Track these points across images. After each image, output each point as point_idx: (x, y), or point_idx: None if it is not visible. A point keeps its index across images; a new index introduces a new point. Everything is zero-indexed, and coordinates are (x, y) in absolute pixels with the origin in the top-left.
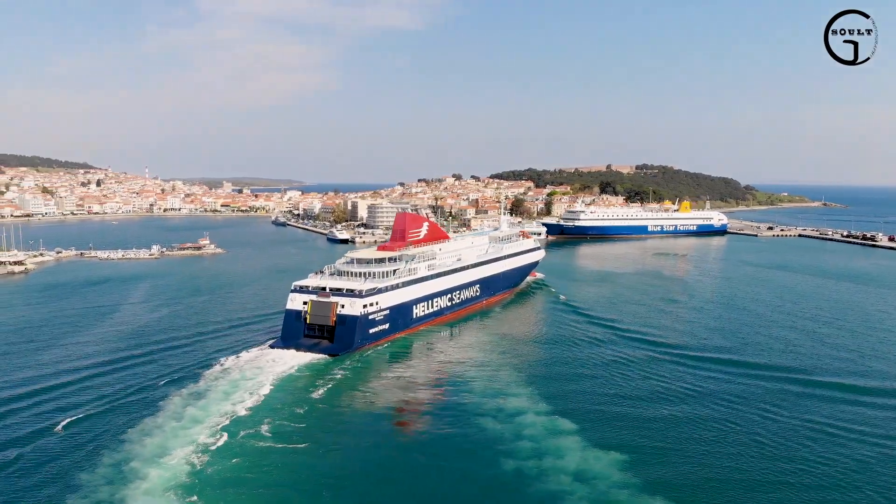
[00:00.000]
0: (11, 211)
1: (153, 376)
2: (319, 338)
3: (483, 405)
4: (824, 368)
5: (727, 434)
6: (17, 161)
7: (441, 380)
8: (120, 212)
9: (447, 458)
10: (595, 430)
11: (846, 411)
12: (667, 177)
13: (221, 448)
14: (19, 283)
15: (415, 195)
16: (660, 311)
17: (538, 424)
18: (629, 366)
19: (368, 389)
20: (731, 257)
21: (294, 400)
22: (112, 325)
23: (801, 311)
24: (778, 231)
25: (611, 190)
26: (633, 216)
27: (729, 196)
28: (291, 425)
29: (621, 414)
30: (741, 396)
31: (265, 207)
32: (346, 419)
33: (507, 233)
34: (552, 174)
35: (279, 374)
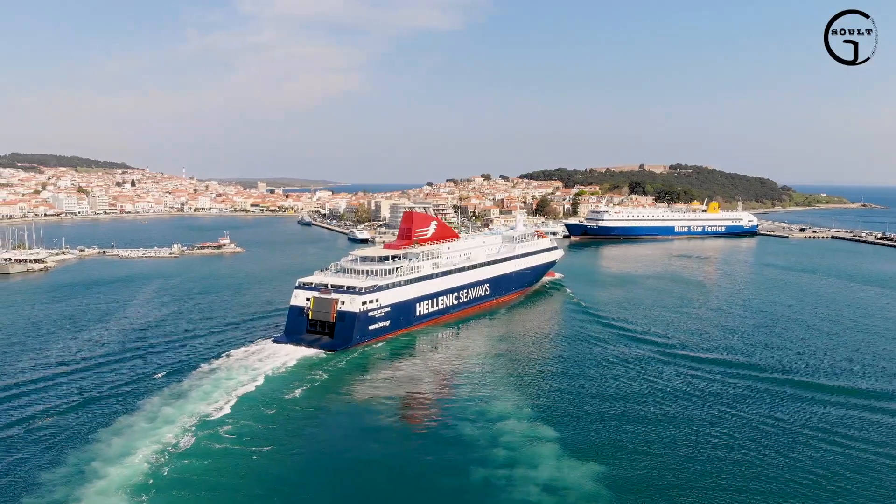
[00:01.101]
0: (45, 210)
1: (144, 371)
2: (321, 333)
3: (465, 409)
4: (834, 374)
5: (721, 448)
6: (57, 161)
7: (429, 381)
8: (151, 211)
9: (412, 466)
10: (576, 438)
11: (853, 417)
12: (701, 177)
13: (186, 448)
14: (35, 281)
15: (439, 195)
16: (671, 314)
17: (518, 431)
18: (628, 369)
19: (350, 389)
20: (756, 260)
21: (270, 400)
22: (113, 323)
23: (819, 315)
24: (810, 233)
25: (640, 190)
26: (659, 217)
27: (765, 196)
28: (259, 427)
29: (609, 421)
30: (743, 406)
31: (294, 207)
32: (316, 422)
33: (521, 232)
34: (583, 174)
35: (270, 370)
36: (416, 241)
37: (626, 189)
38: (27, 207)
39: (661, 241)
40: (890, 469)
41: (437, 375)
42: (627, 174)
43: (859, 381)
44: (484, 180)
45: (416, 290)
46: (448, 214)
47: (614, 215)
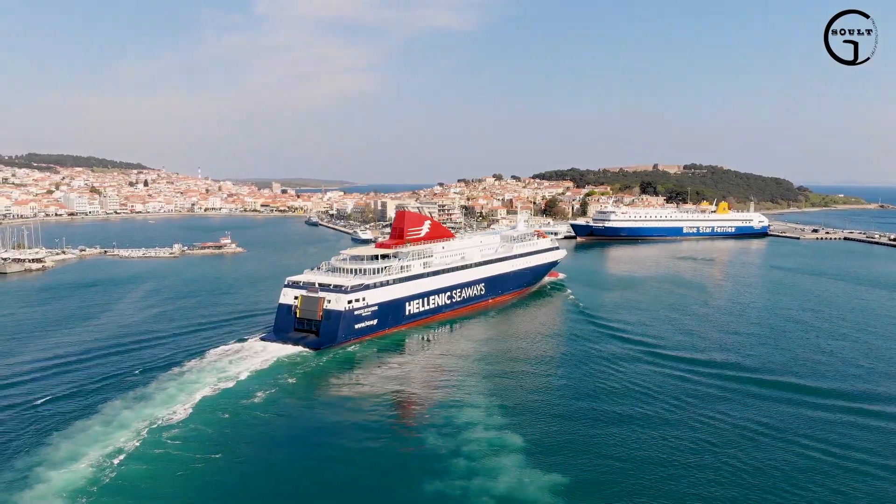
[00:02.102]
0: (56, 210)
1: (114, 373)
2: (308, 332)
3: (433, 416)
4: (826, 378)
5: (694, 452)
6: (73, 161)
7: (403, 384)
8: (162, 211)
9: (364, 480)
10: (543, 447)
11: (846, 423)
12: (715, 177)
13: (133, 454)
14: (29, 281)
15: (446, 195)
16: (665, 317)
17: (483, 440)
18: (612, 373)
19: (316, 393)
20: (763, 262)
21: (230, 405)
22: (94, 324)
23: (820, 319)
24: (822, 234)
25: (651, 190)
26: (667, 217)
27: (780, 197)
28: (210, 432)
29: (580, 426)
30: (724, 410)
31: (303, 208)
32: (270, 428)
33: (521, 232)
34: (595, 174)
35: (244, 371)
36: (408, 241)
37: (638, 189)
38: (38, 207)
39: (668, 242)
40: (875, 477)
41: (412, 379)
42: (641, 174)
43: (852, 386)
44: (495, 181)
45: (406, 289)
46: (454, 214)
47: (621, 216)
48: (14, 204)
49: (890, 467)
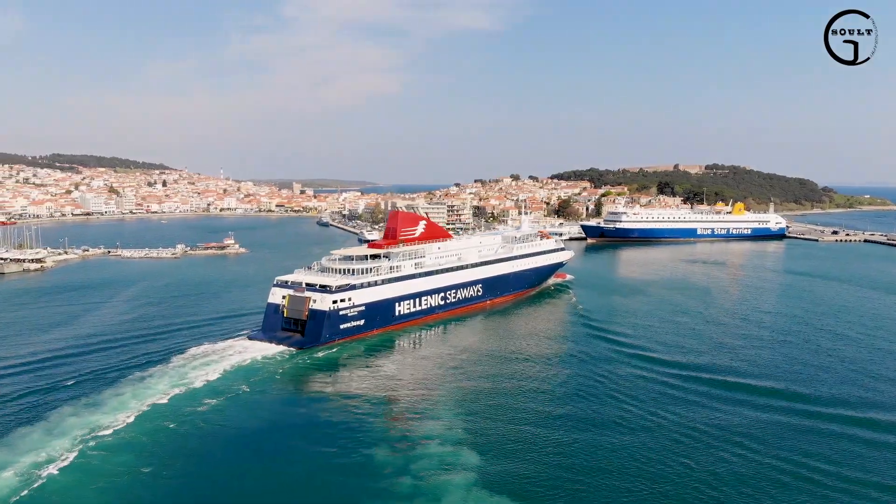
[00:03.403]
0: (72, 210)
1: (74, 377)
2: (294, 331)
3: (390, 427)
4: (824, 391)
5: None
6: (97, 162)
7: (368, 391)
8: (178, 211)
9: (299, 495)
10: (499, 467)
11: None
12: (737, 177)
13: (65, 463)
14: (24, 282)
15: (458, 196)
16: (661, 323)
17: (436, 456)
18: (594, 384)
19: (274, 399)
20: (776, 265)
21: (177, 413)
22: (71, 326)
23: (824, 327)
24: (842, 236)
25: (669, 190)
26: (681, 218)
27: (804, 198)
28: (145, 441)
29: (543, 444)
30: (716, 431)
31: (317, 208)
32: (210, 440)
33: (524, 233)
34: (615, 174)
35: (216, 371)
36: (401, 241)
37: (655, 189)
38: (54, 207)
39: (681, 244)
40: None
41: (381, 385)
42: (661, 174)
43: (849, 396)
44: (513, 181)
45: (396, 289)
46: (463, 215)
47: (633, 216)
48: (30, 204)
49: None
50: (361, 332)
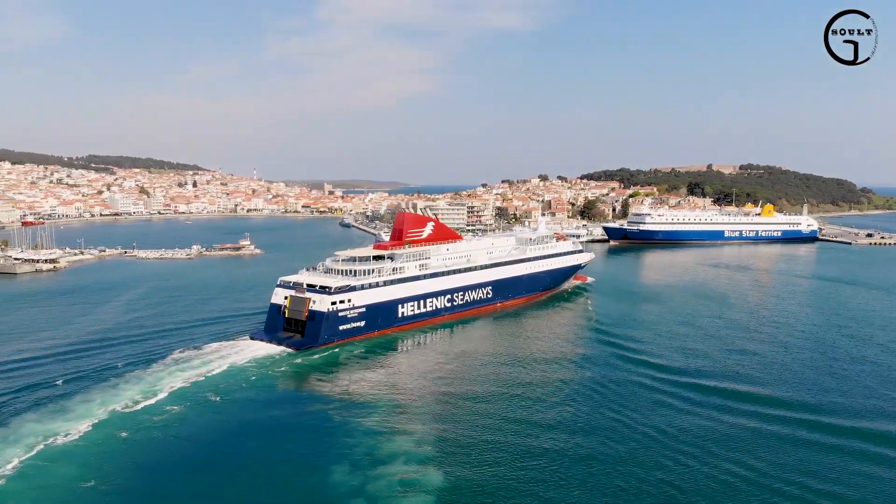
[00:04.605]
0: (101, 210)
1: (46, 381)
2: (295, 331)
3: (358, 444)
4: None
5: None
6: (132, 163)
7: (344, 400)
8: (205, 212)
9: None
10: (460, 488)
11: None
12: (773, 178)
13: (7, 474)
14: (34, 283)
15: (478, 196)
16: (671, 333)
17: (396, 477)
18: (585, 398)
19: (244, 408)
20: (803, 270)
21: (133, 423)
22: (68, 327)
23: (840, 336)
24: (877, 238)
25: (699, 191)
26: (708, 220)
27: (841, 199)
28: (97, 453)
29: (514, 465)
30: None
31: (342, 209)
32: (162, 451)
33: (539, 234)
34: (646, 174)
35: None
36: (407, 242)
37: (685, 190)
38: (83, 207)
39: (708, 247)
40: None
41: (359, 393)
42: (693, 174)
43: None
44: (541, 181)
45: (399, 291)
46: (484, 216)
47: (657, 218)
48: (60, 204)
49: None
50: (362, 334)
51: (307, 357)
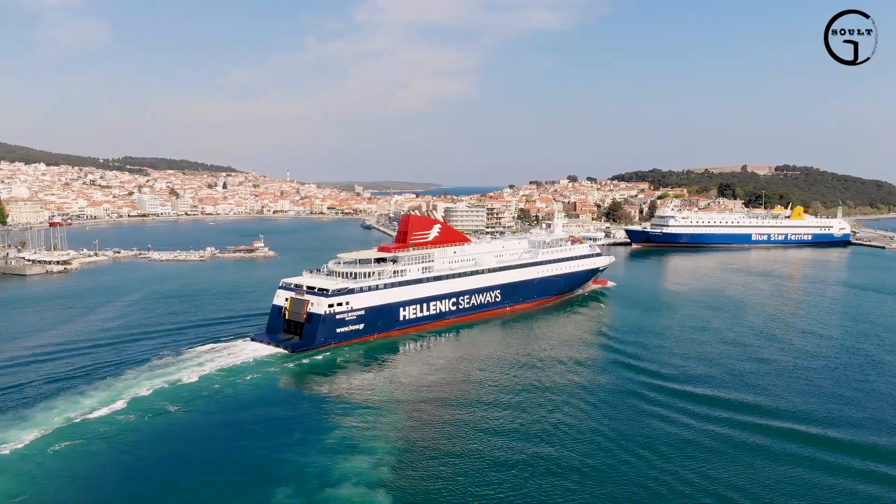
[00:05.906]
0: (129, 211)
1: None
2: (294, 333)
3: (308, 464)
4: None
5: None
6: (166, 164)
7: (318, 409)
8: (232, 213)
9: None
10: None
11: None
12: (809, 179)
13: None
14: (43, 284)
15: (500, 198)
16: (680, 343)
17: (342, 498)
18: (577, 409)
19: (210, 417)
20: (830, 276)
21: (94, 432)
22: (62, 328)
23: (857, 350)
24: None
25: (730, 193)
26: (734, 223)
27: (880, 201)
28: (42, 465)
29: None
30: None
31: (366, 210)
32: (103, 469)
33: (555, 237)
34: (678, 175)
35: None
36: (412, 245)
37: (715, 192)
38: (111, 209)
39: (735, 250)
40: None
41: (339, 400)
42: (727, 175)
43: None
44: (569, 182)
45: (401, 293)
46: (504, 218)
47: (681, 220)
48: (89, 205)
49: None
50: (360, 337)
51: (301, 359)
